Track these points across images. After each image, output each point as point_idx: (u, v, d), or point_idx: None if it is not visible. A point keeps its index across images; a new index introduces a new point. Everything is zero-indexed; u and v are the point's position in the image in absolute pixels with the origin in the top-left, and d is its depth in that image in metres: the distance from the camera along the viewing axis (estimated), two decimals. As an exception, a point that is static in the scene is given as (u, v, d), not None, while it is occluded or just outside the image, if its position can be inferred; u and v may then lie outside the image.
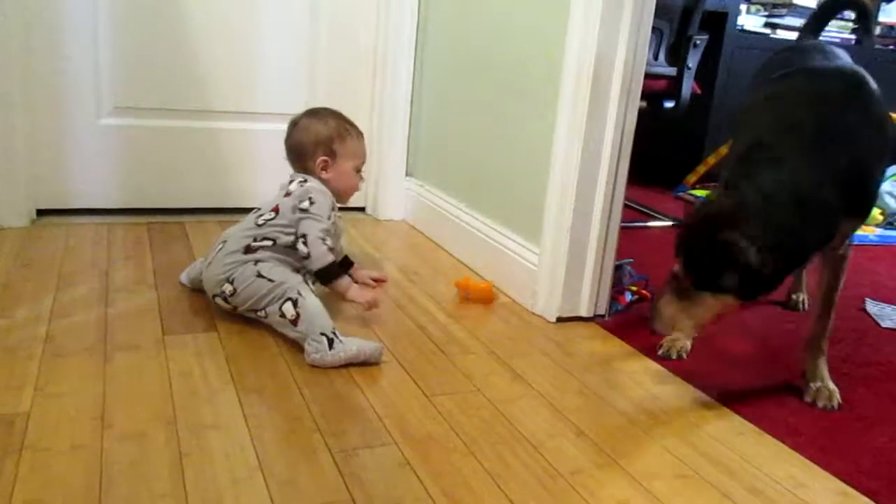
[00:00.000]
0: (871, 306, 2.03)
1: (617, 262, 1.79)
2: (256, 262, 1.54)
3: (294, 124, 1.70)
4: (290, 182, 1.66)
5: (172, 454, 1.08)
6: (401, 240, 2.30)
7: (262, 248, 1.55)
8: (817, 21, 1.94)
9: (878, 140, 1.34)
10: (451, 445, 1.17)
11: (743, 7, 3.56)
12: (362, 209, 2.57)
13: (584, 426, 1.27)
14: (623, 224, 1.75)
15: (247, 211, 2.38)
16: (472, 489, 1.07)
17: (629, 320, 1.77)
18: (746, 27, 3.63)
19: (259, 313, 1.52)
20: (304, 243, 1.55)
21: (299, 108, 2.35)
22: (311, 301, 1.48)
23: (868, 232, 2.92)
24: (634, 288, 1.88)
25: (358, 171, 1.72)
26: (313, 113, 1.71)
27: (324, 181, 1.66)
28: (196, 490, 1.01)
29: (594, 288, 1.73)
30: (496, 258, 1.93)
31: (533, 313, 1.77)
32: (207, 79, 2.25)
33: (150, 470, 1.04)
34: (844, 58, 1.61)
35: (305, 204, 1.58)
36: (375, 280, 1.85)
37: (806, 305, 1.97)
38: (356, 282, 1.79)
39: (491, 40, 2.01)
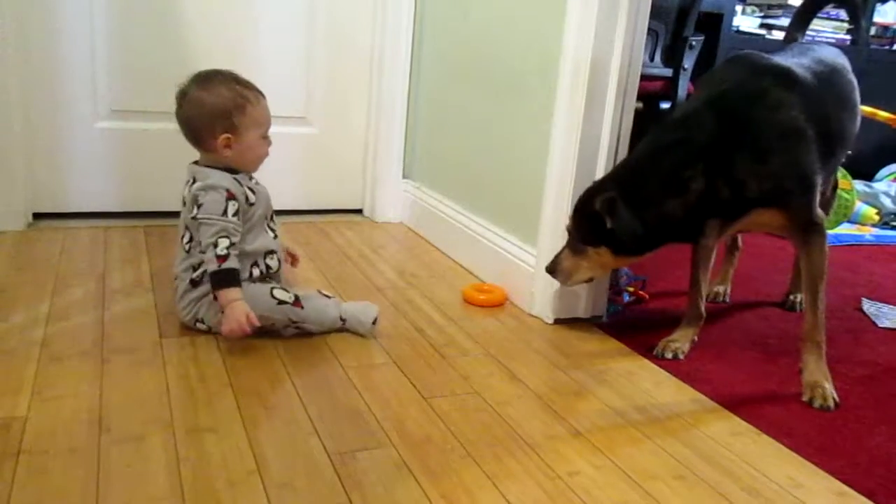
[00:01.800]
0: (868, 306, 2.03)
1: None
2: (216, 295, 1.45)
3: (183, 95, 1.49)
4: (185, 185, 1.53)
5: (170, 457, 1.08)
6: (398, 242, 2.30)
7: (205, 272, 1.46)
8: (802, 17, 1.95)
9: (772, 134, 1.43)
10: (449, 447, 1.17)
11: (738, 8, 3.56)
12: (359, 211, 2.57)
13: (582, 427, 1.27)
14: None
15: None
16: (471, 491, 1.07)
17: (627, 321, 1.77)
18: (742, 28, 3.64)
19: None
20: (201, 251, 1.45)
21: (297, 111, 2.37)
22: (304, 316, 1.50)
23: (864, 232, 2.93)
24: (632, 289, 1.88)
25: (264, 137, 1.54)
26: (204, 80, 1.49)
27: (226, 158, 1.50)
28: (193, 493, 1.00)
29: (591, 289, 1.73)
30: (493, 260, 1.93)
31: (530, 315, 1.77)
32: (204, 82, 2.25)
33: (148, 473, 1.04)
34: (823, 52, 1.69)
35: (195, 211, 1.45)
36: (291, 256, 1.73)
37: (803, 307, 1.97)
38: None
39: (487, 42, 2.01)
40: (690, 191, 1.42)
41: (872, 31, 3.92)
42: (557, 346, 1.60)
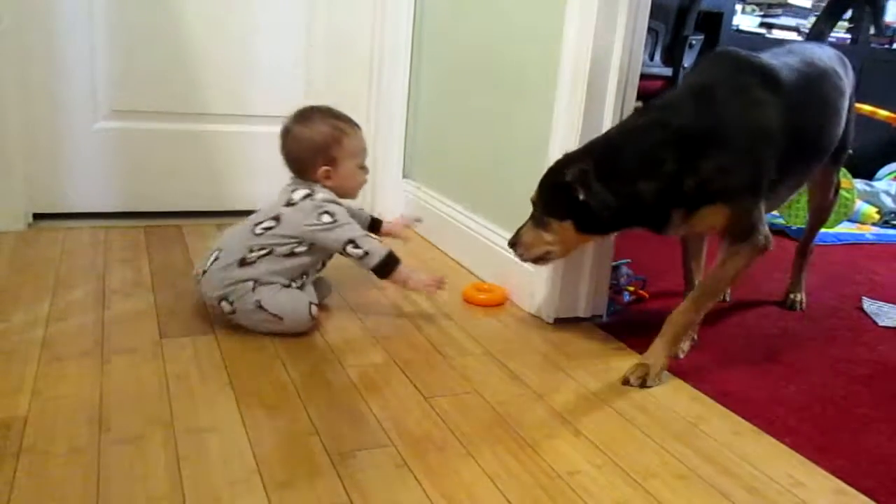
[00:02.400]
0: (868, 305, 2.03)
1: (614, 263, 1.79)
2: (255, 284, 1.49)
3: (287, 133, 1.62)
4: (293, 191, 1.59)
5: (170, 457, 1.08)
6: (398, 242, 2.29)
7: (260, 258, 1.51)
8: (832, 11, 1.94)
9: (742, 131, 1.41)
10: (449, 447, 1.17)
11: (738, 7, 3.57)
12: (359, 211, 2.57)
13: (582, 426, 1.27)
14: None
15: (243, 214, 2.37)
16: (471, 490, 1.07)
17: (627, 320, 1.77)
18: (742, 27, 3.64)
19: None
20: (355, 246, 1.55)
21: (296, 110, 2.37)
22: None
23: (865, 231, 2.93)
24: (632, 288, 1.88)
25: (361, 166, 1.66)
26: (303, 118, 1.62)
27: (328, 188, 1.61)
28: (193, 493, 1.00)
29: (591, 288, 1.73)
30: (493, 259, 1.93)
31: (530, 314, 1.77)
32: (204, 82, 2.25)
33: (148, 473, 1.04)
34: (817, 54, 1.67)
35: (327, 219, 1.54)
36: (406, 223, 1.88)
37: (804, 306, 1.97)
38: (391, 234, 1.85)
39: (487, 42, 2.01)
40: (664, 174, 1.39)
41: (872, 29, 3.91)
42: (557, 346, 1.60)
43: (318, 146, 1.59)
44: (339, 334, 1.56)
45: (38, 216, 2.15)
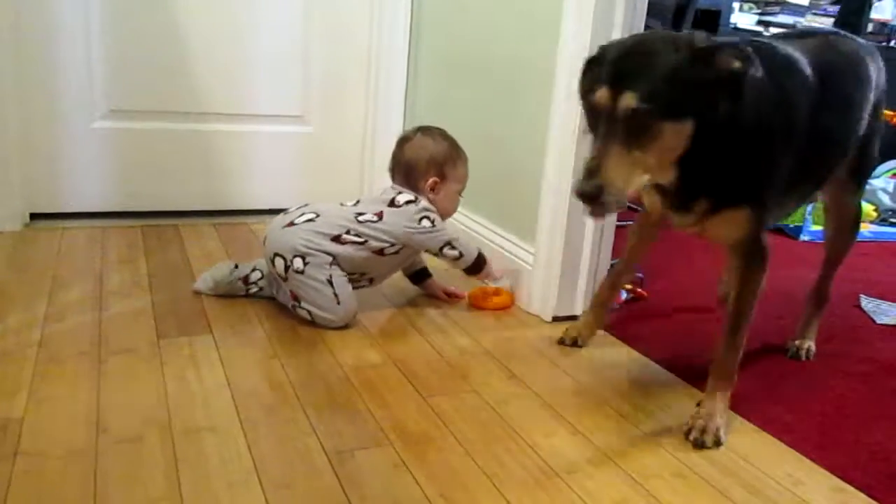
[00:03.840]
0: (866, 302, 2.03)
1: (612, 262, 1.79)
2: (334, 261, 1.57)
3: (406, 140, 1.73)
4: (398, 193, 1.67)
5: (168, 458, 1.08)
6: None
7: (351, 242, 1.58)
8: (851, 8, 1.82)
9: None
10: (448, 446, 1.17)
11: (736, 5, 3.57)
12: (357, 210, 2.56)
13: (581, 425, 1.27)
14: (618, 223, 1.75)
15: (243, 213, 2.37)
16: (469, 489, 1.07)
17: (625, 319, 1.77)
18: (739, 25, 3.64)
19: (300, 308, 1.56)
20: (452, 248, 1.67)
21: (294, 110, 2.37)
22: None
23: (862, 228, 2.92)
24: (629, 287, 1.88)
25: (459, 194, 1.77)
26: (426, 131, 1.75)
27: (429, 201, 1.69)
28: (192, 494, 1.00)
29: (590, 287, 1.73)
30: (492, 259, 1.93)
31: (529, 313, 1.77)
32: (202, 81, 2.24)
33: (146, 474, 1.04)
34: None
35: (426, 223, 1.65)
36: (449, 294, 1.82)
37: (812, 355, 1.81)
38: (432, 294, 1.83)
39: (485, 40, 2.01)
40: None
41: (869, 27, 3.92)
42: (556, 345, 1.60)
43: (435, 158, 1.70)
44: (337, 334, 1.55)
45: (35, 216, 2.15)
